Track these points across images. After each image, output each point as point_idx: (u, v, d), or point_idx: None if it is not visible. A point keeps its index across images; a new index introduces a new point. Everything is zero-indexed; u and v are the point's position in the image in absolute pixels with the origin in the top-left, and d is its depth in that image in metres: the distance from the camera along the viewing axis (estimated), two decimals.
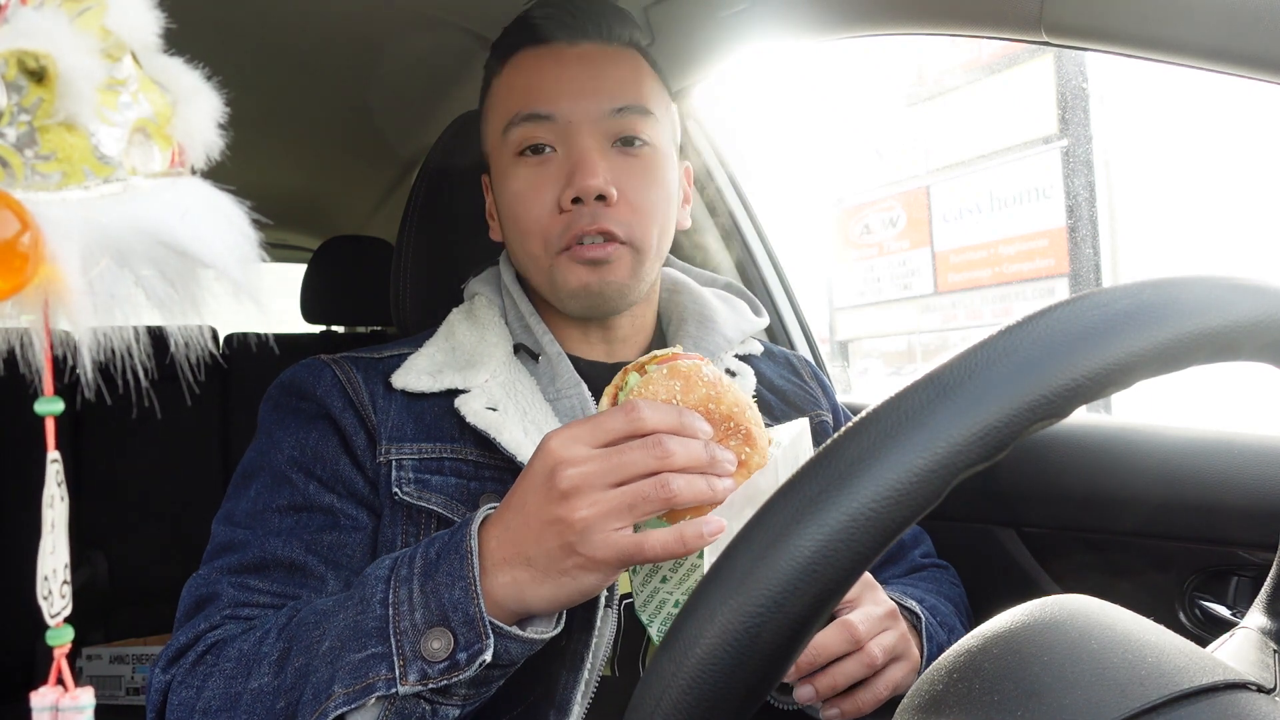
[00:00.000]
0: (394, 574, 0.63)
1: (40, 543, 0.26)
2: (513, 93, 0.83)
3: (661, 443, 0.58)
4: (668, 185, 0.84)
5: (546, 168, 0.81)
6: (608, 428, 0.59)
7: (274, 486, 0.77)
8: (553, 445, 0.59)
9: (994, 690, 0.35)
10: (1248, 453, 0.88)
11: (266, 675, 0.64)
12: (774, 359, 1.04)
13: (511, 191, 0.82)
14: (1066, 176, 5.97)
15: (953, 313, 7.41)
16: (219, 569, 0.74)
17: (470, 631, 0.59)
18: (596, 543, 0.57)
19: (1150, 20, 0.71)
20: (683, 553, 0.58)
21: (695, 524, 0.58)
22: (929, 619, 0.81)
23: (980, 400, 0.32)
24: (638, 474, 0.58)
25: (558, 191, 0.80)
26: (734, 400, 0.64)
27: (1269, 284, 0.36)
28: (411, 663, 0.59)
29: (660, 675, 0.32)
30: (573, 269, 0.80)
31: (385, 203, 2.31)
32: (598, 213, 0.79)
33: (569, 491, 0.57)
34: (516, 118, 0.81)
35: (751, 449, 0.63)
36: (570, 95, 0.80)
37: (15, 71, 0.24)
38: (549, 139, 0.81)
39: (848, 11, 0.99)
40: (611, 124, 0.81)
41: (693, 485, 0.58)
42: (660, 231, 0.84)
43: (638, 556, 0.58)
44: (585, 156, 0.78)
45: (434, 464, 0.78)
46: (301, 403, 0.81)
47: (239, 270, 0.27)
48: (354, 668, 0.60)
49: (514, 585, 0.60)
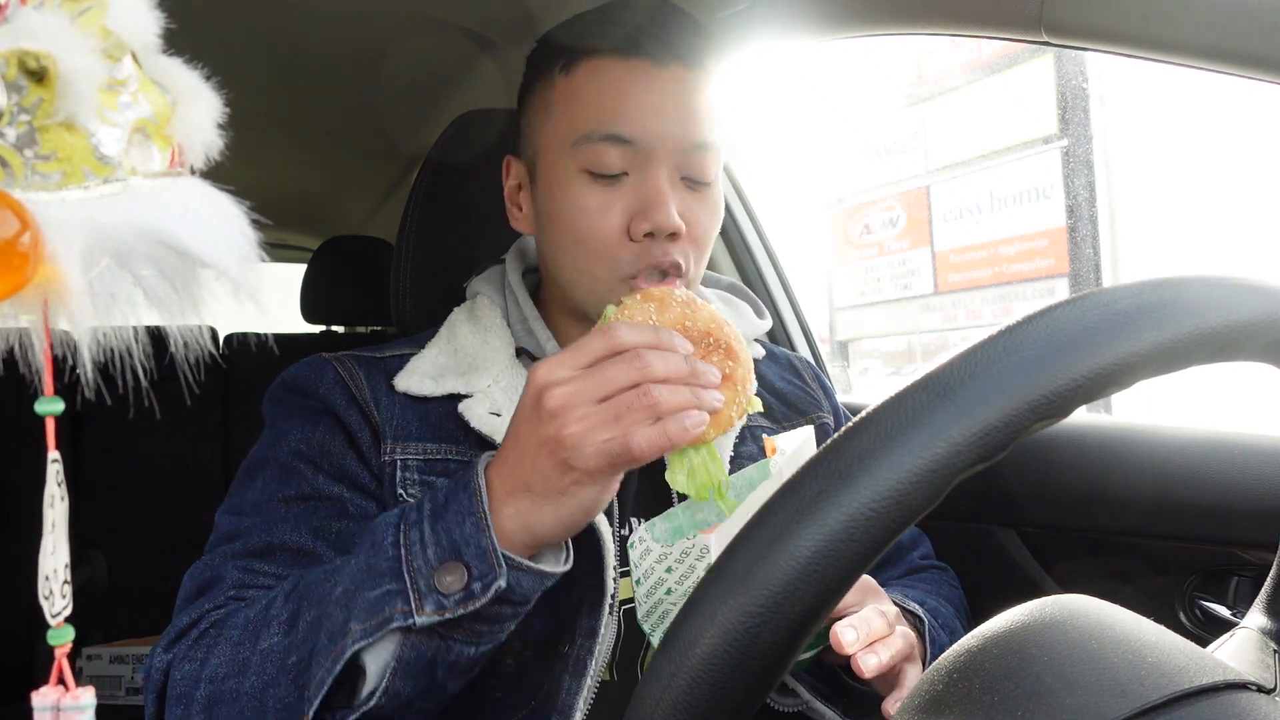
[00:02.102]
0: (403, 519, 0.64)
1: (41, 543, 0.26)
2: (590, 104, 0.78)
3: (640, 355, 0.59)
4: (721, 217, 0.84)
5: (616, 190, 0.78)
6: (588, 349, 0.61)
7: (281, 477, 0.77)
8: (538, 372, 0.61)
9: (994, 690, 0.35)
10: (1248, 453, 0.88)
11: (276, 635, 0.64)
12: (776, 361, 1.03)
13: (576, 205, 0.79)
14: (1066, 176, 5.98)
15: (953, 313, 7.42)
16: (223, 555, 0.74)
17: (483, 563, 0.60)
18: (588, 454, 0.58)
19: (1150, 20, 0.71)
20: (668, 446, 0.59)
21: (678, 418, 0.59)
22: (931, 622, 0.81)
23: (980, 400, 0.32)
24: (620, 387, 0.59)
25: (627, 218, 0.77)
26: (709, 316, 0.66)
27: (1269, 284, 0.36)
28: (427, 596, 0.60)
29: (660, 675, 0.32)
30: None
31: (385, 203, 2.31)
32: (669, 248, 0.77)
33: (556, 410, 0.59)
34: (595, 134, 0.77)
35: (734, 362, 0.65)
36: (656, 123, 0.77)
37: (15, 71, 0.24)
38: (624, 165, 0.77)
39: (848, 11, 0.99)
40: (686, 157, 0.78)
41: (676, 393, 0.59)
42: (706, 261, 0.84)
43: (626, 455, 0.59)
44: (661, 191, 0.76)
45: (439, 464, 0.78)
46: (305, 400, 0.81)
47: (239, 270, 0.27)
48: (369, 604, 0.60)
49: (518, 515, 0.61)
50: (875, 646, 0.69)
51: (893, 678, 0.73)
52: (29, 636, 1.64)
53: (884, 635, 0.70)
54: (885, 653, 0.69)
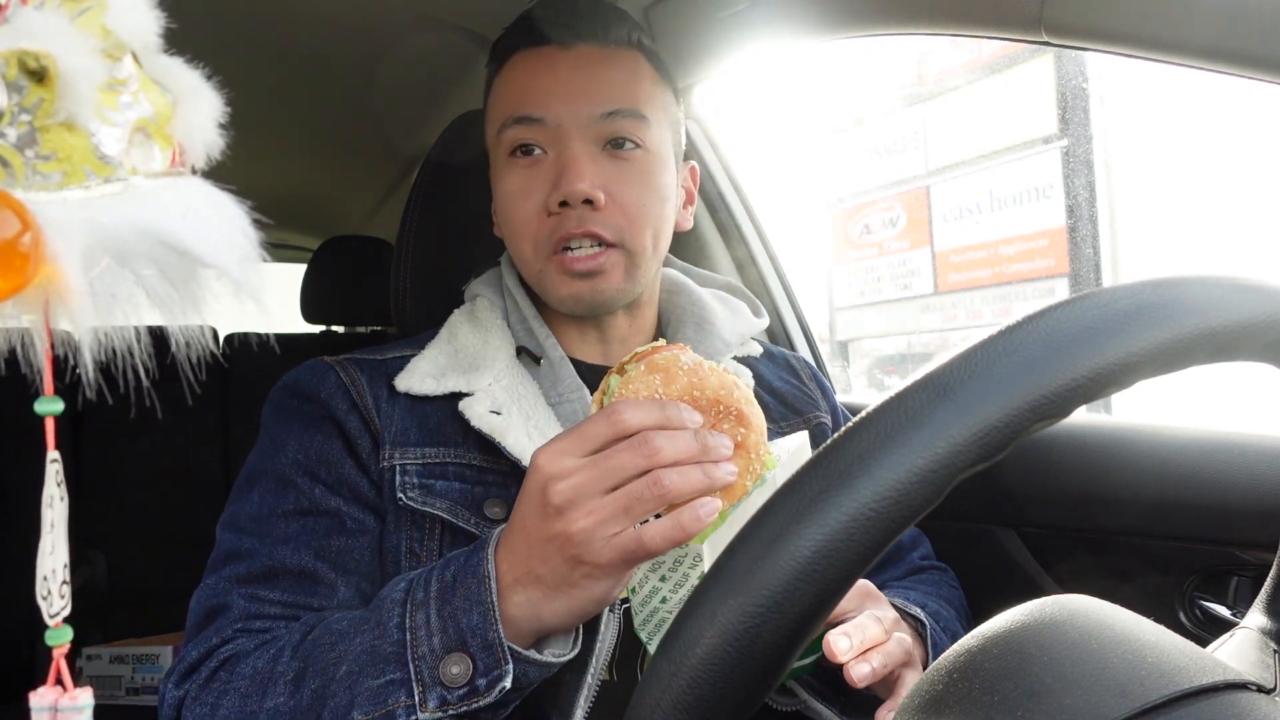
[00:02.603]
0: (410, 597, 0.63)
1: (40, 542, 0.26)
2: (507, 95, 0.84)
3: (648, 440, 0.57)
4: (661, 187, 0.84)
5: (536, 170, 0.81)
6: (592, 434, 0.58)
7: (279, 490, 0.77)
8: (540, 462, 0.59)
9: (994, 690, 0.35)
10: (1248, 453, 0.88)
11: (282, 695, 0.63)
12: (773, 360, 1.03)
13: (503, 192, 0.84)
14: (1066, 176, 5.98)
15: (953, 313, 7.42)
16: (227, 579, 0.73)
17: (489, 657, 0.59)
18: (599, 550, 0.57)
19: (1150, 20, 0.71)
20: (683, 538, 0.57)
21: (691, 508, 0.57)
22: (933, 625, 0.81)
23: (980, 400, 0.32)
24: (628, 476, 0.57)
25: (545, 194, 0.80)
26: (718, 383, 0.63)
27: (1269, 284, 0.36)
28: (431, 689, 0.59)
29: (660, 675, 0.32)
30: (563, 279, 0.81)
31: (385, 203, 2.31)
32: (585, 216, 0.79)
33: (563, 506, 0.57)
34: (509, 120, 0.82)
35: (746, 429, 0.62)
36: (561, 99, 0.80)
37: (16, 71, 0.24)
38: (539, 141, 0.81)
39: (848, 11, 0.99)
40: (602, 127, 0.81)
41: (686, 477, 0.57)
42: (655, 234, 0.83)
43: (640, 552, 0.57)
44: (572, 160, 0.79)
45: (438, 469, 0.78)
46: (305, 405, 0.81)
47: (240, 270, 0.27)
48: (373, 694, 0.59)
49: (528, 605, 0.60)
50: (869, 654, 0.68)
51: (891, 682, 0.72)
52: (29, 636, 1.64)
53: (880, 642, 0.70)
54: (879, 660, 0.68)
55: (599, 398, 0.65)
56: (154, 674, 1.77)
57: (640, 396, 0.61)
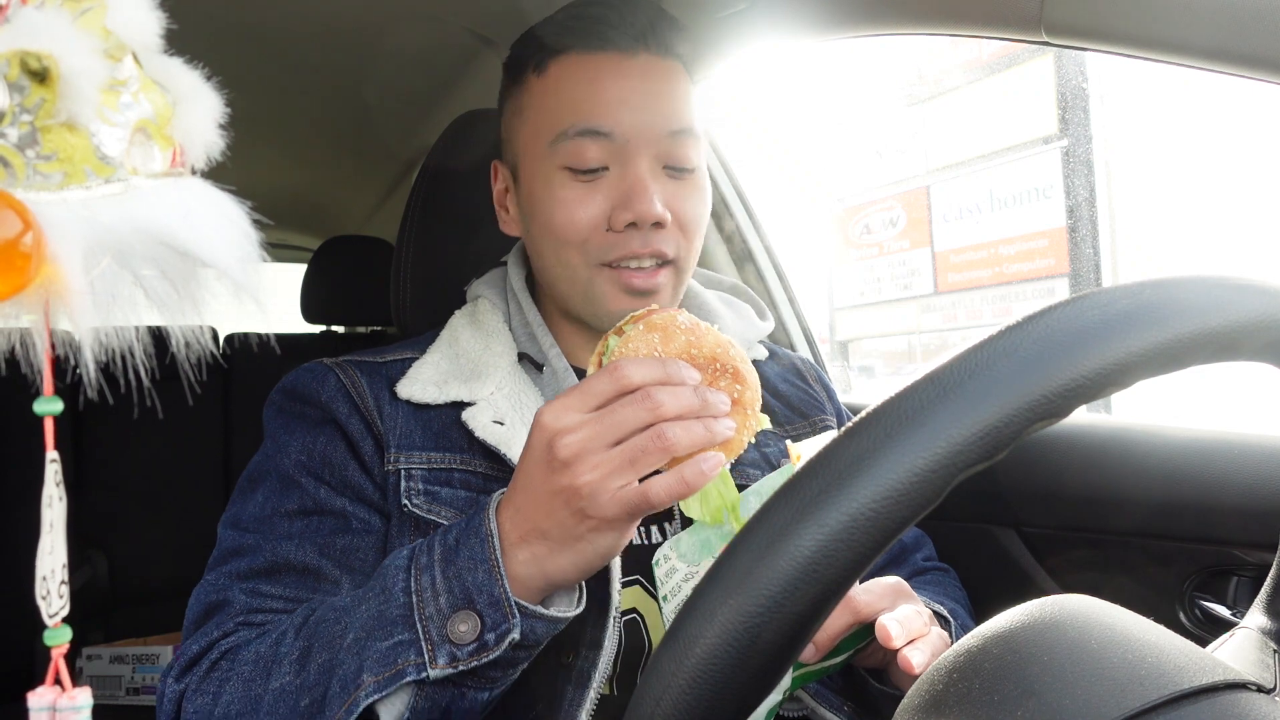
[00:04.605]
0: (413, 562, 0.63)
1: (39, 542, 0.26)
2: (565, 100, 0.78)
3: (650, 395, 0.58)
4: (709, 202, 0.84)
5: (597, 183, 0.78)
6: (595, 391, 0.59)
7: (282, 491, 0.76)
8: (545, 419, 0.59)
9: (994, 690, 0.35)
10: (1247, 453, 0.88)
11: (288, 674, 0.63)
12: (779, 362, 1.03)
13: (554, 199, 0.79)
14: (1066, 176, 5.98)
15: (953, 313, 7.42)
16: (228, 574, 0.73)
17: (496, 612, 0.59)
18: (604, 503, 0.58)
19: (1150, 20, 0.71)
20: (686, 492, 0.58)
21: (694, 462, 0.58)
22: (955, 625, 0.81)
23: (980, 400, 0.32)
24: (632, 430, 0.58)
25: (607, 209, 0.77)
26: (715, 342, 0.64)
27: (1269, 284, 0.36)
28: (440, 646, 0.59)
29: (660, 675, 0.32)
30: (615, 294, 0.79)
31: (385, 203, 2.31)
32: (650, 236, 0.77)
33: (569, 459, 0.58)
34: (570, 130, 0.77)
35: (743, 385, 0.64)
36: (631, 112, 0.77)
37: (17, 72, 0.24)
38: (603, 158, 0.78)
39: (848, 11, 0.99)
40: (666, 146, 0.78)
41: (689, 430, 0.58)
42: (700, 247, 0.84)
43: (644, 505, 0.58)
44: (640, 181, 0.76)
45: (443, 475, 0.77)
46: (306, 408, 0.80)
47: (240, 270, 0.27)
48: (382, 655, 0.60)
49: (534, 560, 0.60)
50: (917, 643, 0.68)
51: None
52: (28, 636, 1.64)
53: (923, 634, 0.70)
54: (926, 649, 0.68)
55: (597, 358, 0.66)
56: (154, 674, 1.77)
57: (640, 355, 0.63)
